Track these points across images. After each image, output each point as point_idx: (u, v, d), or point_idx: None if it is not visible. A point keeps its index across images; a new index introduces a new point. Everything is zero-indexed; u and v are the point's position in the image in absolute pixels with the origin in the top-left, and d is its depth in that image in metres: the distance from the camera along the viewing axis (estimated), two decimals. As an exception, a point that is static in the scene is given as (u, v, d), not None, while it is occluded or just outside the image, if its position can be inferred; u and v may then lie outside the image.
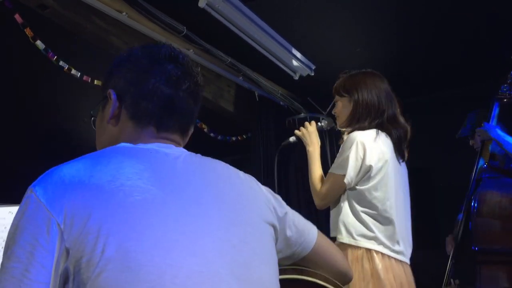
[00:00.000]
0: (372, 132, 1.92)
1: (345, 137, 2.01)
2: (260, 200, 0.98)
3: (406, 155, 2.02)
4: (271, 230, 0.97)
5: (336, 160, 1.95)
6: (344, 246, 1.88)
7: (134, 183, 0.81)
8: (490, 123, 2.56)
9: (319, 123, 2.22)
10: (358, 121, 1.96)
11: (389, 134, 1.94)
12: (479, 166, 2.52)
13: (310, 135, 2.15)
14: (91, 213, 0.76)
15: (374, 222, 1.86)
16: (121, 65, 1.02)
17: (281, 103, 4.22)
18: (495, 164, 2.59)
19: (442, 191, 4.21)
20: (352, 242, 1.86)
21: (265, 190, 1.03)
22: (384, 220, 1.86)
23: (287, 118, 4.35)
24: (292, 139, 2.26)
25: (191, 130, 1.05)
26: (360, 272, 1.82)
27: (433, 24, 3.22)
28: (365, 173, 1.88)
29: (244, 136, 4.35)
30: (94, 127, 1.07)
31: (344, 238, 1.89)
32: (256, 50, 3.25)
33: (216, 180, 0.93)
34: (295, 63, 3.53)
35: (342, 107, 2.05)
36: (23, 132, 4.46)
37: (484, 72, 3.67)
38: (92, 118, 1.08)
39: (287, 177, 4.18)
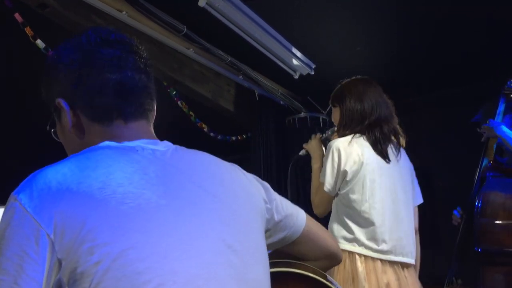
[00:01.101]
0: (347, 137, 1.98)
1: None
2: (249, 192, 0.96)
3: (396, 153, 2.03)
4: (262, 222, 0.96)
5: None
6: None
7: (126, 189, 0.78)
8: (495, 118, 2.53)
9: (324, 134, 2.28)
10: (344, 129, 2.04)
11: (367, 137, 1.98)
12: (483, 164, 2.49)
13: (313, 148, 2.22)
14: (84, 222, 0.72)
15: (355, 224, 1.90)
16: (55, 68, 0.94)
17: (281, 102, 4.22)
18: (503, 161, 2.55)
19: (442, 191, 4.20)
20: None
21: (252, 179, 1.01)
22: (364, 221, 1.90)
23: (287, 118, 4.36)
24: (302, 152, 2.33)
25: (154, 110, 0.99)
26: (342, 275, 1.86)
27: (433, 23, 3.22)
28: (343, 178, 1.94)
29: (244, 135, 4.35)
30: (57, 138, 1.01)
31: None
32: (256, 49, 3.24)
33: (206, 176, 0.91)
34: (295, 62, 3.52)
35: (335, 117, 2.14)
36: (23, 132, 4.46)
37: (484, 71, 3.67)
38: (52, 130, 1.01)
39: (287, 177, 4.18)
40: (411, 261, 1.95)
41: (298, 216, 1.07)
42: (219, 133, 4.12)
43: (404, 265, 1.92)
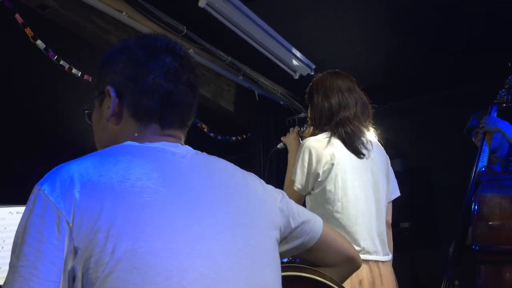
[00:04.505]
0: (320, 136, 1.95)
1: None
2: (264, 200, 0.98)
3: (367, 148, 1.97)
4: (275, 230, 0.97)
5: None
6: None
7: (144, 184, 0.81)
8: None
9: (301, 128, 2.30)
10: (314, 128, 2.03)
11: (338, 134, 1.94)
12: (477, 170, 2.53)
13: (290, 141, 2.25)
14: (101, 212, 0.75)
15: (330, 223, 1.85)
16: (116, 58, 0.99)
17: (281, 102, 4.22)
18: (494, 168, 2.60)
19: (442, 191, 4.21)
20: None
21: (269, 188, 1.03)
22: (336, 221, 1.85)
23: (287, 118, 4.36)
24: (280, 145, 2.38)
25: (190, 124, 1.04)
26: None
27: (433, 23, 3.22)
28: (315, 178, 1.90)
29: (244, 135, 4.35)
30: (89, 121, 1.05)
31: None
32: (256, 50, 3.25)
33: (222, 181, 0.93)
34: (295, 62, 3.53)
35: (309, 114, 2.13)
36: (23, 132, 4.46)
37: (485, 71, 3.67)
38: (87, 111, 1.06)
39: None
40: (386, 258, 1.92)
41: (315, 223, 1.09)
42: (219, 133, 4.13)
43: (379, 263, 1.89)
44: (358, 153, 1.94)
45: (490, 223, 2.27)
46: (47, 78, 3.48)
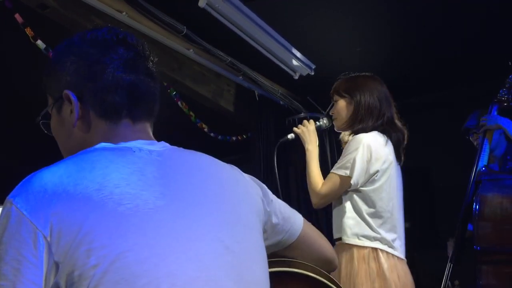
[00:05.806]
0: (376, 134, 1.94)
1: (346, 137, 2.05)
2: (247, 193, 0.95)
3: (403, 158, 2.05)
4: (259, 223, 0.95)
5: (340, 161, 1.95)
6: (349, 246, 1.91)
7: (123, 190, 0.77)
8: None
9: (317, 122, 2.23)
10: (361, 122, 1.98)
11: (389, 137, 1.96)
12: (478, 169, 2.53)
13: (309, 133, 2.14)
14: (81, 225, 0.72)
15: (379, 222, 1.90)
16: (64, 60, 0.93)
17: (281, 102, 4.22)
18: (493, 167, 2.61)
19: (441, 191, 4.21)
20: (358, 242, 1.90)
21: (251, 181, 1.00)
22: (387, 220, 1.91)
23: (287, 118, 4.36)
24: (290, 136, 2.25)
25: (156, 114, 0.99)
26: (366, 272, 1.85)
27: (433, 23, 3.22)
28: (371, 175, 1.90)
29: (244, 135, 4.35)
30: (46, 131, 0.99)
31: (349, 239, 1.92)
32: (256, 50, 3.25)
33: (203, 178, 0.90)
34: (295, 62, 3.53)
35: (342, 108, 2.06)
36: (23, 131, 4.46)
37: (484, 71, 3.67)
38: (42, 122, 0.99)
39: (287, 178, 4.18)
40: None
41: (295, 220, 1.06)
42: (219, 134, 4.13)
43: (405, 263, 1.98)
44: (399, 159, 2.01)
45: (491, 223, 2.27)
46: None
